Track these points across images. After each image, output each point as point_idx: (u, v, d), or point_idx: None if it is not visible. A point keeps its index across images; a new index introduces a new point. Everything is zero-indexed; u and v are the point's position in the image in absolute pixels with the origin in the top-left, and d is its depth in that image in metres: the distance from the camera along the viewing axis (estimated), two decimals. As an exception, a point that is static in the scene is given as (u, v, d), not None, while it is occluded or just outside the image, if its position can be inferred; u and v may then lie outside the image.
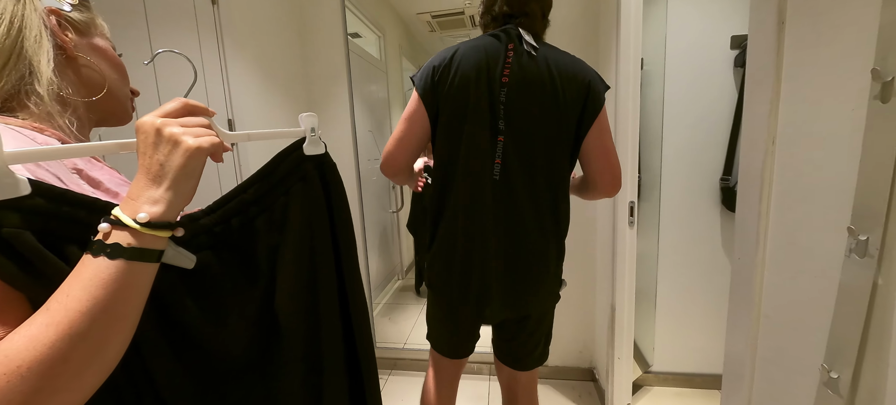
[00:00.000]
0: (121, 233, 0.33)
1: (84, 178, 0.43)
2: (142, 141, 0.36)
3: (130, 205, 0.34)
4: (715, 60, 1.44)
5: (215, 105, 1.29)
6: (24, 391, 0.29)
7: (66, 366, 0.30)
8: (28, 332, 0.30)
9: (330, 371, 0.51)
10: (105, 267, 0.32)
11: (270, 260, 0.46)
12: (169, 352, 0.40)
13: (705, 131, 1.48)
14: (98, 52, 0.50)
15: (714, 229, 1.53)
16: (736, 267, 0.67)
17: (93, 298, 0.31)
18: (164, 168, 0.35)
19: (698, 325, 1.60)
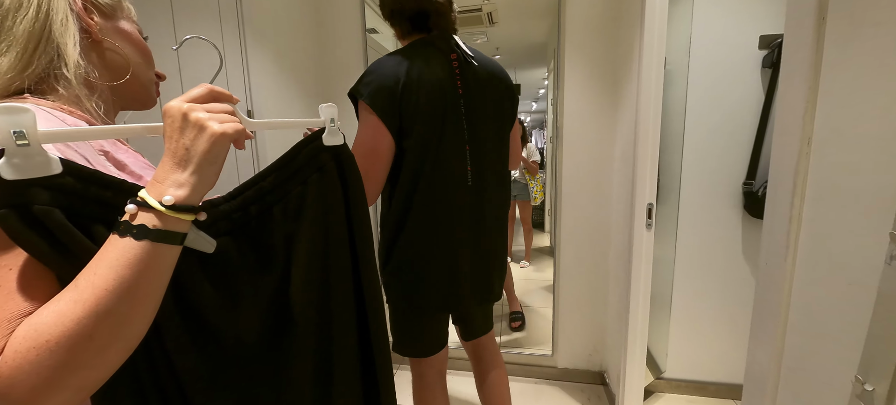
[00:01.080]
0: (147, 214, 0.34)
1: (110, 159, 0.44)
2: (169, 125, 0.36)
3: (156, 187, 0.35)
4: (741, 61, 1.40)
5: (236, 95, 1.31)
6: (51, 365, 0.29)
7: (91, 342, 0.31)
8: (56, 308, 0.31)
9: (341, 362, 0.51)
10: (131, 247, 0.33)
11: (286, 249, 0.47)
12: (186, 335, 0.40)
13: (729, 134, 1.44)
14: (123, 36, 0.50)
15: (735, 235, 1.49)
16: (762, 272, 0.65)
17: (119, 277, 0.32)
18: (190, 152, 0.36)
19: (714, 332, 1.56)
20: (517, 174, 3.13)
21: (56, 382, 0.30)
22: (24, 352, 0.29)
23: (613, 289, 1.60)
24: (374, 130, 0.80)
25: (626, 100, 1.44)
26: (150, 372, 0.39)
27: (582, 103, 1.56)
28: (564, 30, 1.53)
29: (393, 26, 0.93)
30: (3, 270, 0.32)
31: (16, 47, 0.40)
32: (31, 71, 0.41)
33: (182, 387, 0.41)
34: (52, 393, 0.30)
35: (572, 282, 1.70)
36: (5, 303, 0.31)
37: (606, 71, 1.52)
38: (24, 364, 0.29)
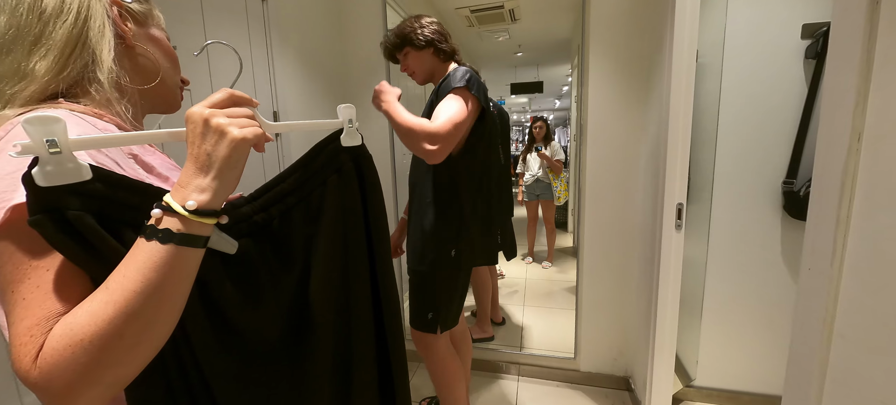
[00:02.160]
0: (171, 219, 0.35)
1: (139, 162, 0.45)
2: (191, 131, 0.37)
3: (180, 192, 0.36)
4: (781, 52, 1.31)
5: (262, 97, 1.35)
6: (85, 362, 0.31)
7: (121, 340, 0.32)
8: (90, 308, 0.32)
9: (359, 361, 0.51)
10: (157, 250, 0.34)
11: (306, 249, 0.47)
12: (211, 333, 0.41)
13: (767, 130, 1.36)
14: (154, 42, 0.52)
15: (773, 237, 1.40)
16: (806, 278, 0.61)
17: (146, 279, 0.33)
18: (211, 158, 0.37)
19: (749, 340, 1.48)
20: (541, 173, 3.07)
21: (90, 378, 0.32)
22: (60, 349, 0.31)
23: (640, 291, 1.54)
24: (473, 107, 1.05)
25: (654, 95, 1.38)
26: (179, 369, 0.41)
27: (607, 100, 1.51)
28: (589, 24, 1.49)
29: (435, 53, 1.21)
30: (40, 272, 0.33)
31: (54, 52, 0.42)
32: (67, 74, 0.43)
33: (208, 384, 0.42)
34: (86, 388, 0.32)
35: (596, 284, 1.65)
36: (43, 302, 0.33)
37: (633, 66, 1.46)
38: (61, 361, 0.31)
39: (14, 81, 0.41)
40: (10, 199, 0.33)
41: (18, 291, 0.33)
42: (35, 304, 0.33)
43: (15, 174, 0.34)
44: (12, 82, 0.41)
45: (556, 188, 3.06)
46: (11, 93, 0.41)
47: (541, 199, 3.13)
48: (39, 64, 0.41)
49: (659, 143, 1.30)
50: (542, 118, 3.15)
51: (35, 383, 0.31)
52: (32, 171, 0.31)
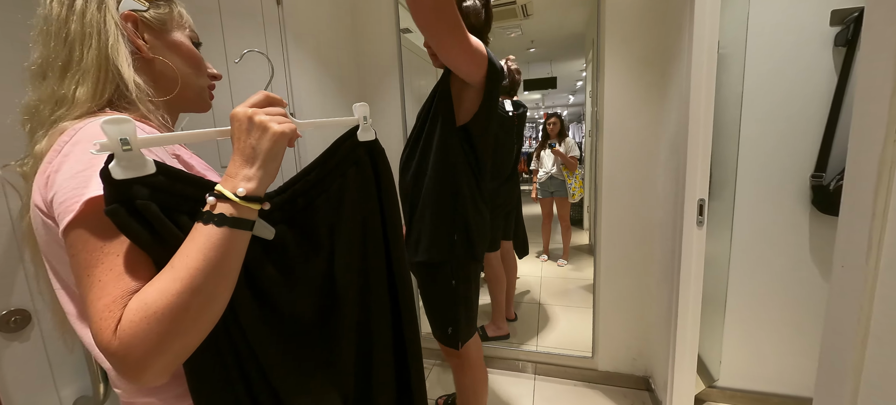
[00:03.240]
0: (224, 205, 0.39)
1: (181, 162, 0.48)
2: (236, 128, 0.42)
3: (230, 181, 0.41)
4: (808, 39, 1.26)
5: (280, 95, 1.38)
6: (158, 332, 0.35)
7: (186, 313, 0.36)
8: (159, 286, 0.36)
9: (378, 336, 0.56)
10: (214, 232, 0.38)
11: (330, 235, 0.51)
12: (255, 311, 0.45)
13: (793, 122, 1.30)
14: (173, 49, 0.53)
15: (800, 233, 1.35)
16: (838, 276, 0.58)
17: (206, 258, 0.37)
18: (256, 150, 0.41)
19: (775, 339, 1.43)
20: (555, 170, 3.03)
21: (161, 347, 0.36)
22: (137, 321, 0.35)
23: (660, 289, 1.51)
24: (478, 55, 0.93)
25: (673, 89, 1.35)
26: (229, 342, 0.44)
27: (624, 94, 1.48)
28: (604, 17, 1.46)
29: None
30: (112, 256, 0.37)
31: (89, 77, 0.45)
32: (105, 97, 0.46)
33: (254, 355, 0.45)
34: (158, 356, 0.36)
35: (614, 282, 1.62)
36: (117, 283, 0.37)
37: (651, 58, 1.43)
38: (138, 331, 0.35)
39: (54, 106, 0.45)
40: (83, 193, 0.37)
41: (94, 275, 0.37)
42: (110, 285, 0.36)
43: (85, 171, 0.38)
44: (51, 107, 0.45)
45: (571, 185, 3.01)
46: (54, 117, 0.44)
47: (555, 196, 3.09)
48: (79, 90, 0.44)
49: (679, 138, 1.27)
50: (556, 114, 3.11)
51: (115, 353, 0.35)
52: (109, 165, 0.35)
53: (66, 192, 0.38)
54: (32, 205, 0.43)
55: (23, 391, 0.72)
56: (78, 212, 0.37)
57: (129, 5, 0.48)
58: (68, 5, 0.45)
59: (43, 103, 0.45)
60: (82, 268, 0.37)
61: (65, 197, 0.38)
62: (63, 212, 0.38)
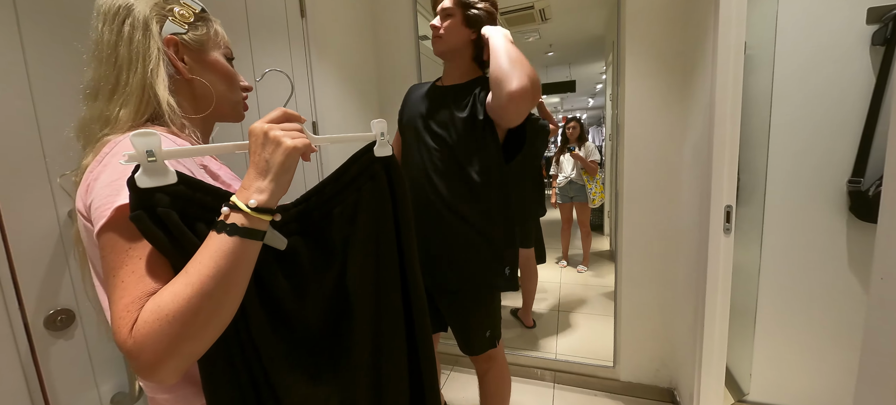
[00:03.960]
0: (237, 215, 0.41)
1: (208, 171, 0.52)
2: (253, 142, 0.44)
3: (243, 193, 0.43)
4: (843, 38, 1.20)
5: (302, 107, 1.42)
6: (169, 334, 0.37)
7: (196, 317, 0.38)
8: (173, 290, 0.38)
9: (389, 352, 0.55)
10: (225, 241, 0.40)
11: (344, 247, 0.52)
12: (266, 319, 0.47)
13: (827, 124, 1.25)
14: (210, 68, 0.56)
15: (837, 241, 1.28)
16: (876, 288, 0.55)
17: (217, 266, 0.39)
18: (269, 163, 0.43)
19: (810, 353, 1.36)
20: (574, 174, 2.99)
21: (172, 349, 0.37)
22: (150, 322, 0.37)
23: (684, 298, 1.46)
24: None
25: (697, 91, 1.31)
26: (239, 349, 0.46)
27: (645, 97, 1.45)
28: (624, 19, 1.44)
29: (473, 43, 1.05)
30: (135, 260, 0.40)
31: (132, 100, 0.48)
32: (145, 117, 0.49)
33: (262, 363, 0.47)
34: (168, 357, 0.38)
35: (636, 290, 1.58)
36: (137, 284, 0.39)
37: (673, 60, 1.40)
38: (150, 332, 0.37)
39: (101, 125, 0.49)
40: (114, 201, 0.40)
41: (118, 276, 0.39)
42: (130, 286, 0.39)
43: (117, 182, 0.41)
44: (100, 126, 0.49)
45: (591, 190, 2.96)
46: (101, 135, 0.48)
47: (575, 201, 3.04)
48: (122, 112, 0.48)
49: (704, 142, 1.23)
50: (575, 118, 3.07)
51: (129, 351, 0.37)
52: (135, 175, 0.38)
53: (101, 198, 0.41)
54: (77, 211, 0.47)
55: (66, 386, 0.76)
56: (108, 217, 0.40)
57: (171, 29, 0.52)
58: (117, 31, 0.48)
59: (94, 122, 0.49)
60: (109, 270, 0.40)
61: (99, 203, 0.41)
62: (97, 217, 0.41)
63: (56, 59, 0.73)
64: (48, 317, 0.73)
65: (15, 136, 0.68)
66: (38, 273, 0.72)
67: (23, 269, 0.70)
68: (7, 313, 0.68)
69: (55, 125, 0.71)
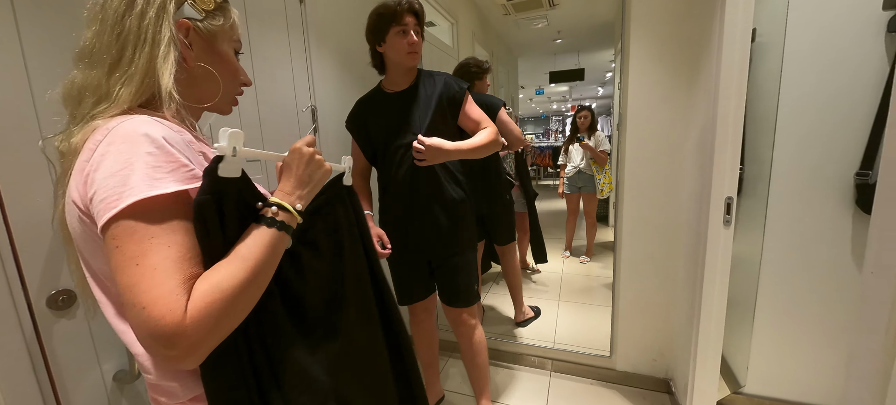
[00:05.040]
0: (284, 214, 0.49)
1: (207, 160, 0.50)
2: (297, 159, 0.53)
3: (287, 197, 0.51)
4: (856, 24, 1.15)
5: (300, 94, 1.42)
6: (224, 310, 0.40)
7: (246, 296, 0.43)
8: (229, 270, 0.42)
9: (369, 322, 0.67)
10: (274, 234, 0.47)
11: (329, 248, 0.61)
12: (280, 302, 0.53)
13: (836, 115, 1.21)
14: (217, 62, 0.54)
15: (842, 235, 1.25)
16: (867, 281, 0.54)
17: (263, 253, 0.45)
18: (311, 178, 0.53)
19: (808, 347, 1.35)
20: (584, 164, 2.95)
21: (222, 324, 0.41)
22: (211, 301, 0.39)
23: (683, 290, 1.45)
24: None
25: (703, 79, 1.28)
26: (257, 322, 0.50)
27: (650, 84, 1.42)
28: (631, 4, 1.40)
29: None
30: (162, 248, 0.40)
31: (135, 81, 0.46)
32: (143, 98, 0.48)
33: (265, 346, 0.51)
34: (217, 332, 0.41)
35: (635, 281, 1.57)
36: (178, 269, 0.40)
37: (679, 47, 1.36)
38: (211, 310, 0.39)
39: (96, 100, 0.47)
40: (124, 191, 0.39)
41: (145, 263, 0.39)
42: (171, 271, 0.39)
43: (123, 170, 0.40)
44: (94, 99, 0.47)
45: (600, 181, 2.92)
46: (94, 113, 0.46)
47: (583, 191, 3.01)
48: (123, 90, 0.46)
49: (707, 132, 1.21)
50: (587, 107, 2.99)
51: (185, 331, 0.38)
52: (217, 165, 0.43)
53: (107, 189, 0.39)
54: (69, 200, 0.45)
55: (70, 365, 0.79)
56: (123, 208, 0.38)
57: (187, 13, 0.50)
58: (128, 1, 0.46)
59: (88, 91, 0.47)
60: (128, 259, 0.39)
61: (105, 194, 0.39)
62: (104, 208, 0.39)
63: (54, 44, 0.74)
64: (50, 297, 0.76)
65: (14, 120, 0.70)
66: (39, 254, 0.74)
67: (25, 251, 0.72)
68: (10, 293, 0.71)
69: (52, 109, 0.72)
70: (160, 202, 0.40)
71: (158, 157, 0.41)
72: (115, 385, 0.87)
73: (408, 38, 1.15)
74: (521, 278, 2.15)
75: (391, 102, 1.26)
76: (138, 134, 0.42)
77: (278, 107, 1.32)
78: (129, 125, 0.42)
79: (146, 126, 0.43)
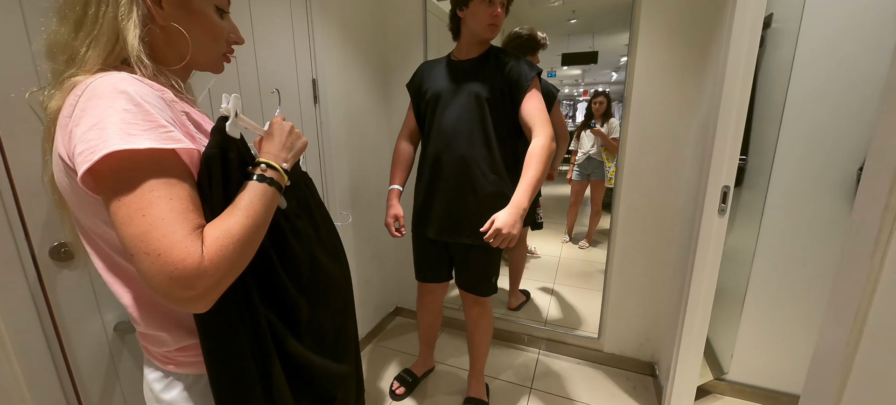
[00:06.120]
0: (272, 171, 0.52)
1: (190, 119, 0.51)
2: (278, 128, 0.59)
3: (275, 158, 0.55)
4: (873, 14, 1.11)
5: (301, 65, 1.42)
6: (236, 254, 0.44)
7: (251, 242, 0.47)
8: (236, 218, 0.46)
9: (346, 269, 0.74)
10: (267, 189, 0.51)
11: (309, 213, 0.66)
12: (272, 251, 0.57)
13: (844, 106, 1.18)
14: (192, 18, 0.53)
15: (838, 230, 1.25)
16: (841, 268, 0.55)
17: (262, 205, 0.49)
18: (293, 146, 0.59)
19: (793, 339, 1.36)
20: (594, 151, 2.90)
21: (234, 267, 0.44)
22: (224, 245, 0.43)
23: (675, 276, 1.46)
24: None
25: (711, 65, 1.25)
26: (263, 265, 0.55)
27: (657, 69, 1.39)
28: (642, -19, 1.36)
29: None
30: (163, 199, 0.41)
31: (101, 41, 0.45)
32: (112, 59, 0.47)
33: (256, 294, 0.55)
34: (231, 274, 0.44)
35: (627, 266, 1.59)
36: (186, 218, 0.42)
37: (691, 31, 1.32)
38: (226, 253, 0.43)
39: (66, 60, 0.46)
40: (109, 142, 0.39)
41: (152, 214, 0.40)
42: (180, 220, 0.41)
43: (100, 123, 0.40)
44: (65, 61, 0.46)
45: (610, 168, 2.88)
46: (67, 74, 0.46)
47: (591, 178, 2.97)
48: (90, 53, 0.46)
49: (709, 118, 1.19)
50: (603, 92, 2.91)
51: (205, 272, 0.41)
52: (226, 124, 0.49)
53: (85, 142, 0.40)
54: (56, 155, 0.45)
55: (72, 314, 0.83)
56: (98, 159, 0.39)
57: None
58: None
59: (58, 50, 0.46)
60: (134, 211, 0.40)
61: (84, 147, 0.39)
62: (81, 160, 0.39)
63: (49, 0, 0.74)
64: (53, 248, 0.79)
65: (12, 75, 0.71)
66: (41, 207, 0.77)
67: (27, 203, 0.75)
68: (15, 243, 0.74)
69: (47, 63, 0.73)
70: (145, 157, 0.41)
71: (136, 114, 0.41)
72: (115, 335, 0.91)
73: (493, 8, 1.11)
74: (523, 266, 2.16)
75: (455, 70, 1.22)
76: (116, 90, 0.42)
77: (279, 79, 1.32)
78: (108, 81, 0.43)
79: (124, 83, 0.43)
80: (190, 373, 0.55)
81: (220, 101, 0.52)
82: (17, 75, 0.72)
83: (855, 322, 0.51)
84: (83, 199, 0.46)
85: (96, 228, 0.49)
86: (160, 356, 0.56)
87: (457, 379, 1.66)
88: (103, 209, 0.43)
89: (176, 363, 0.55)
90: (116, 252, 0.50)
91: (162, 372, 0.56)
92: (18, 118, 0.72)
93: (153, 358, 0.57)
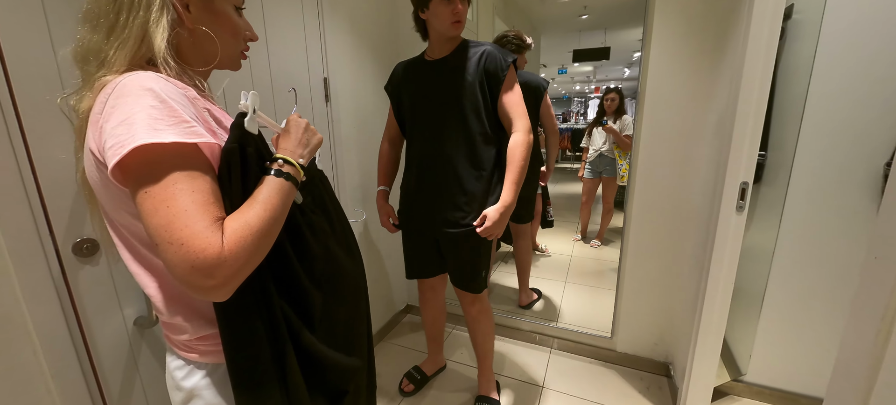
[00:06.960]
0: (289, 167, 0.54)
1: (212, 115, 0.53)
2: (295, 126, 0.60)
3: (292, 154, 0.56)
4: (903, 5, 1.06)
5: (313, 62, 1.43)
6: (254, 245, 0.46)
7: (269, 234, 0.48)
8: (254, 210, 0.47)
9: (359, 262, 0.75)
10: (284, 183, 0.52)
11: (324, 208, 0.67)
12: (288, 244, 0.58)
13: (871, 101, 1.13)
14: (215, 19, 0.55)
15: (862, 230, 1.20)
16: (868, 266, 0.53)
17: (279, 199, 0.50)
18: (309, 142, 0.61)
19: (814, 340, 1.32)
20: (606, 148, 2.86)
21: (252, 258, 0.46)
22: (244, 236, 0.44)
23: (690, 275, 1.43)
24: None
25: (728, 58, 1.22)
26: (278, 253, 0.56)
27: (672, 62, 1.36)
28: (657, -29, 1.33)
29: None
30: (186, 192, 0.43)
31: (130, 43, 0.48)
32: (138, 59, 0.49)
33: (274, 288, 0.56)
34: (250, 264, 0.46)
35: (641, 264, 1.56)
36: (207, 210, 0.44)
37: (706, 22, 1.29)
38: (245, 244, 0.44)
39: (98, 64, 0.49)
40: (137, 137, 0.41)
41: (176, 205, 0.42)
42: (202, 211, 0.43)
43: (129, 119, 0.42)
44: (96, 63, 0.49)
45: (622, 166, 2.83)
46: (96, 76, 0.49)
47: (603, 176, 2.93)
48: (117, 54, 0.48)
49: (727, 113, 1.16)
50: (615, 89, 2.86)
51: (225, 261, 0.42)
52: (244, 120, 0.50)
53: (115, 137, 0.42)
54: (87, 151, 0.48)
55: (94, 308, 0.86)
56: (128, 151, 0.41)
57: None
58: None
59: (90, 55, 0.49)
60: (159, 202, 0.41)
61: (114, 141, 0.42)
62: (112, 154, 0.42)
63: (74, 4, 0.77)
64: (76, 244, 0.81)
65: (38, 76, 0.73)
66: (65, 205, 0.79)
67: (51, 201, 0.77)
68: (40, 239, 0.76)
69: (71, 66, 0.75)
70: (170, 150, 0.43)
71: (161, 110, 0.43)
72: (135, 329, 0.94)
73: (453, 6, 1.11)
74: (530, 261, 2.15)
75: (429, 70, 1.23)
76: (143, 88, 0.44)
77: (291, 78, 1.33)
78: (136, 80, 0.45)
79: (150, 81, 0.45)
80: (209, 362, 0.57)
81: (235, 100, 0.53)
82: (43, 78, 0.74)
83: (883, 321, 0.49)
84: (112, 192, 0.48)
85: (124, 221, 0.51)
86: (182, 345, 0.58)
87: (467, 377, 1.65)
88: (131, 201, 0.45)
89: (197, 352, 0.57)
90: (143, 243, 0.52)
91: (183, 360, 0.58)
92: (44, 120, 0.74)
93: (175, 346, 0.59)
